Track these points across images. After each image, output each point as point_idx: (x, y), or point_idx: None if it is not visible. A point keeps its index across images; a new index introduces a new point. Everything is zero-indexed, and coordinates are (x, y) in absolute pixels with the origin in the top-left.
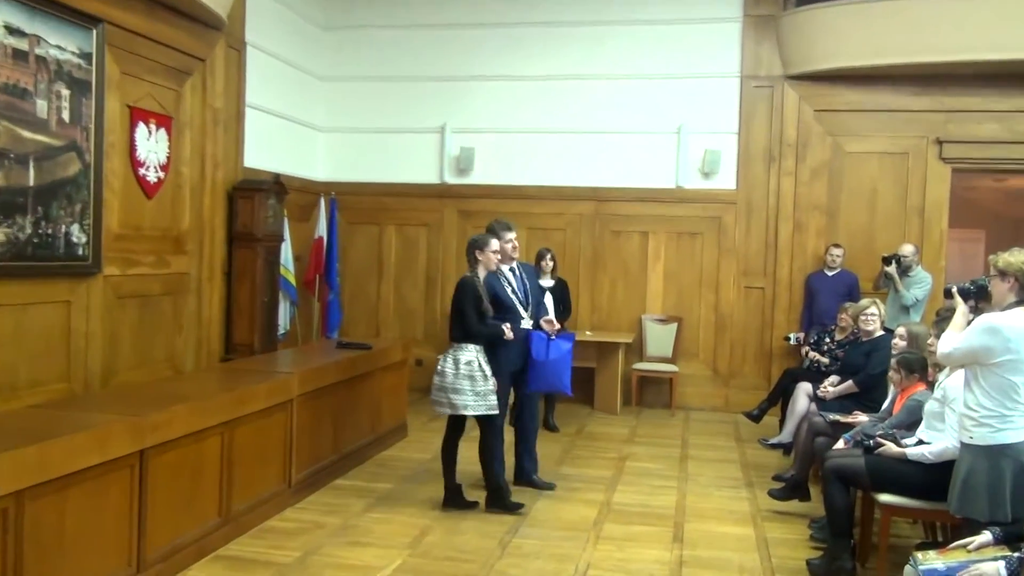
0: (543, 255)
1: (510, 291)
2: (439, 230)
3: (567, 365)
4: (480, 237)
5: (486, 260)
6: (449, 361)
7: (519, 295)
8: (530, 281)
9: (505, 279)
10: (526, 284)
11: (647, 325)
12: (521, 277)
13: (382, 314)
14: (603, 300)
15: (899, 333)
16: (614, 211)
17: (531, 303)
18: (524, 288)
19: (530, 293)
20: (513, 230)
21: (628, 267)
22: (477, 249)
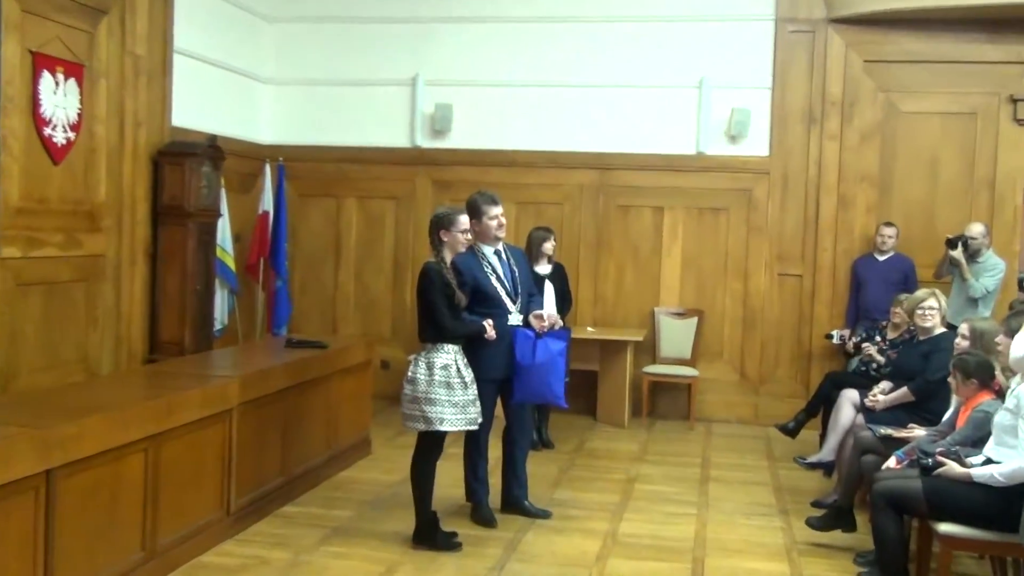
0: (543, 237)
1: (494, 279)
2: (410, 204)
3: (559, 369)
4: (446, 212)
5: (452, 242)
6: (421, 365)
7: (505, 284)
8: (520, 267)
9: (488, 264)
10: (514, 271)
11: (661, 320)
12: (508, 262)
13: (340, 306)
14: (608, 290)
15: (962, 331)
16: (621, 182)
17: (520, 294)
18: (512, 276)
19: (519, 282)
20: (499, 204)
21: (638, 250)
22: (441, 228)
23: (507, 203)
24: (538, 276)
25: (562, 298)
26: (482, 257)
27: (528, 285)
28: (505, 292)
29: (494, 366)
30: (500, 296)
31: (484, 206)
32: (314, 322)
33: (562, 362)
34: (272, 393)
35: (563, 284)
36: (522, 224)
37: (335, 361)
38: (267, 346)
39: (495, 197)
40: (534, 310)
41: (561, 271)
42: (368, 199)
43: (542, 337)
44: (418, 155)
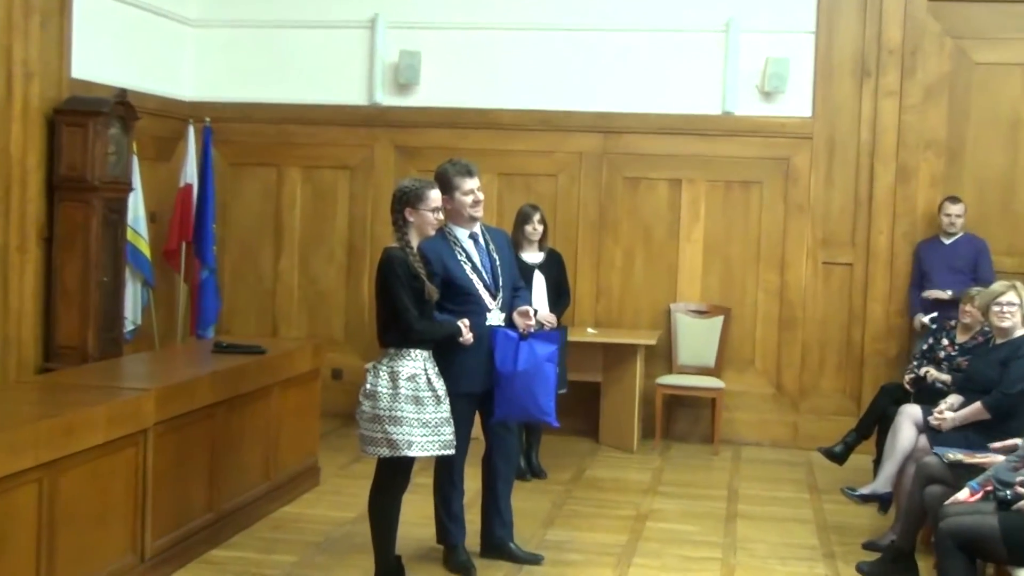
0: (527, 216)
1: (469, 268)
2: (368, 176)
3: (548, 379)
4: (412, 186)
5: (420, 223)
6: (383, 376)
7: (483, 275)
8: (502, 255)
9: (461, 250)
10: (494, 259)
11: (679, 320)
12: (487, 248)
13: (282, 302)
14: (613, 282)
15: None
16: (630, 148)
17: (502, 287)
18: (491, 265)
19: (501, 273)
20: (475, 176)
21: (651, 232)
22: (407, 205)
23: (487, 175)
24: (526, 265)
25: (557, 292)
26: (454, 242)
27: (512, 276)
28: (483, 285)
29: (471, 377)
30: (476, 290)
31: (457, 178)
32: (249, 322)
33: (552, 370)
34: (197, 410)
35: (558, 275)
36: (507, 201)
37: (275, 370)
38: (191, 352)
39: (471, 167)
40: (518, 306)
41: (556, 259)
42: (316, 169)
43: (527, 339)
44: (378, 115)
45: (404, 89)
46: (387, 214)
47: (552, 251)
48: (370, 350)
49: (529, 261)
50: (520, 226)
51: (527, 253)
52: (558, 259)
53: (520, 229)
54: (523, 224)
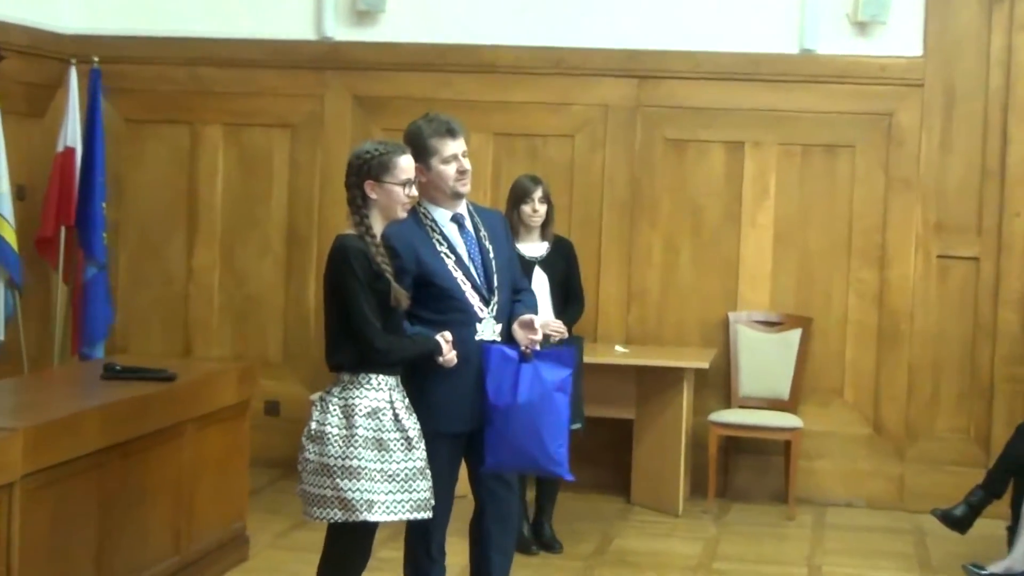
0: (525, 192)
1: (452, 263)
2: (315, 136)
3: (559, 416)
4: (375, 151)
5: (386, 201)
6: (334, 412)
7: (472, 272)
8: (498, 245)
9: (442, 239)
10: (487, 250)
11: (740, 334)
12: (476, 236)
13: (197, 310)
14: (649, 282)
15: None
16: (673, 99)
17: (498, 289)
18: (482, 258)
19: (496, 269)
20: (461, 137)
21: (701, 214)
22: (368, 177)
23: (478, 135)
24: (523, 260)
25: (563, 294)
26: (431, 227)
27: (511, 274)
28: (471, 285)
29: (454, 412)
30: (462, 292)
31: (434, 140)
32: (153, 336)
33: (564, 403)
34: (81, 458)
35: (567, 273)
36: (505, 172)
37: (189, 403)
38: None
39: (454, 126)
40: (521, 314)
41: (564, 252)
42: (244, 128)
43: (531, 360)
44: (329, 53)
45: (365, 18)
46: (340, 190)
47: (560, 240)
48: (318, 376)
49: (527, 254)
50: (515, 206)
51: (525, 244)
52: (567, 251)
53: (515, 210)
54: (519, 203)
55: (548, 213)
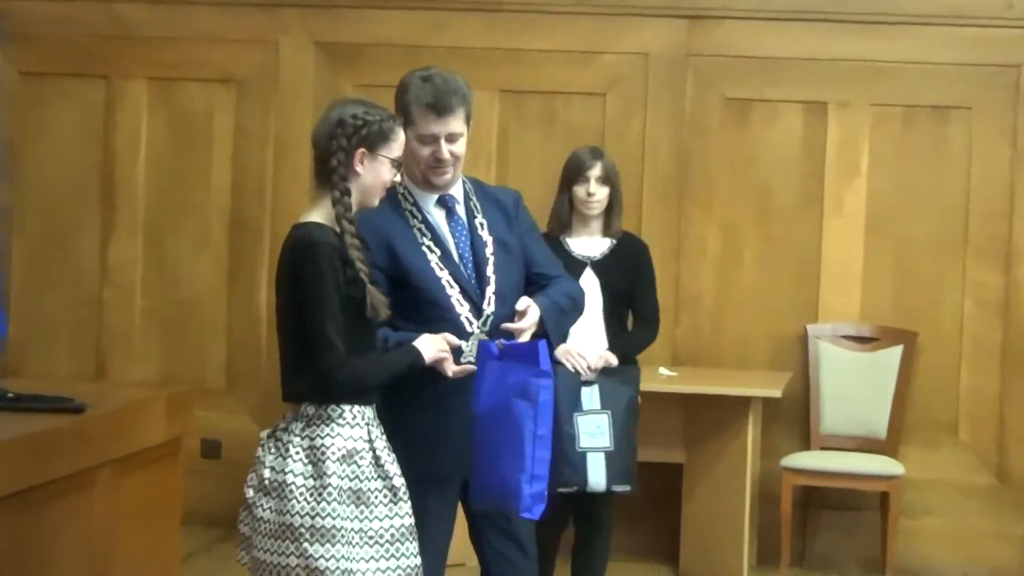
0: (580, 167)
1: (436, 260)
2: (268, 95)
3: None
4: (372, 116)
5: (372, 179)
6: (296, 455)
7: (461, 270)
8: (500, 233)
9: (424, 227)
10: (481, 244)
11: (823, 353)
12: (469, 225)
13: (115, 320)
14: (703, 284)
15: None
16: (734, 47)
17: (496, 295)
18: (475, 253)
19: (492, 269)
20: (448, 116)
21: (771, 197)
22: (363, 145)
23: (483, 92)
24: (573, 261)
25: (621, 311)
26: (412, 212)
27: (515, 276)
28: (460, 289)
29: (440, 451)
30: (447, 297)
31: (416, 108)
32: (57, 354)
33: (526, 414)
34: None
35: (632, 281)
36: (513, 141)
37: (102, 442)
38: None
39: (443, 100)
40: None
41: (633, 254)
42: (176, 84)
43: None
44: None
45: None
46: (301, 163)
47: (628, 239)
48: (270, 406)
49: (578, 252)
50: (567, 187)
51: (579, 239)
52: (637, 254)
53: (567, 193)
54: (571, 183)
55: (612, 198)
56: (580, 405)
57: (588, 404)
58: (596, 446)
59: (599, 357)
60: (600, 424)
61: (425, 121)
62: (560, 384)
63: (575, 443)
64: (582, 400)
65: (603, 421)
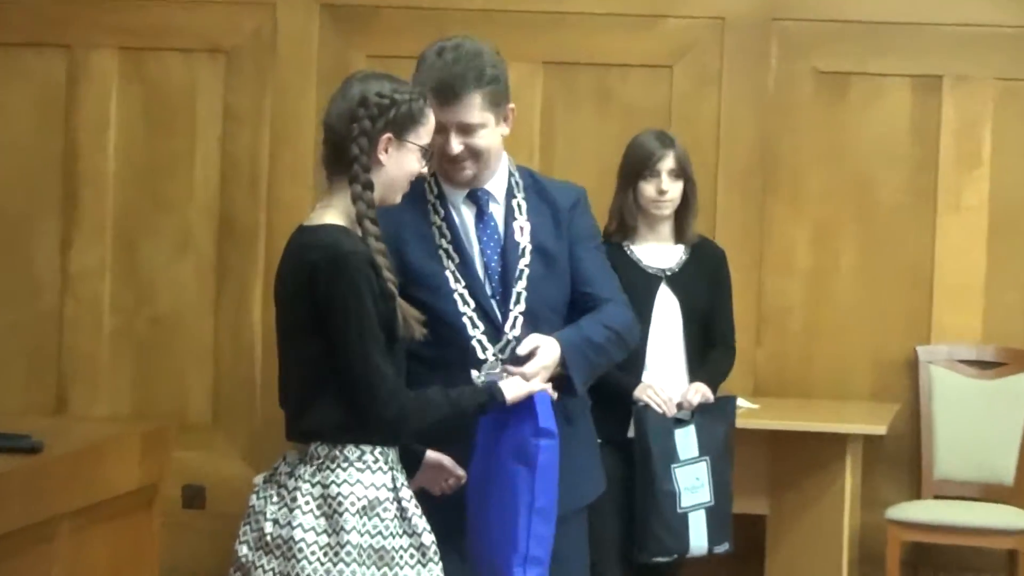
0: (647, 156)
1: (453, 268)
2: (263, 66)
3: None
4: (401, 95)
5: (397, 170)
6: (306, 505)
7: (485, 284)
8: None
9: (446, 226)
10: (514, 253)
11: (936, 382)
12: (503, 229)
13: (78, 341)
14: (791, 297)
15: None
16: (827, 10)
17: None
18: (503, 264)
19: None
20: (454, 103)
21: (872, 191)
22: (390, 130)
23: (519, 65)
24: (643, 273)
25: (705, 332)
26: (434, 206)
27: (552, 294)
28: (476, 306)
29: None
30: (458, 315)
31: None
32: (10, 382)
33: (526, 480)
34: None
35: (712, 296)
36: (561, 121)
37: (63, 489)
38: None
39: (448, 82)
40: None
41: (711, 262)
42: (151, 55)
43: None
44: None
45: None
46: (303, 150)
47: (705, 245)
48: (264, 445)
49: (649, 264)
50: (630, 183)
51: (647, 246)
52: (716, 263)
53: (630, 191)
54: (636, 178)
55: (687, 196)
56: (676, 454)
57: (685, 452)
58: (697, 503)
59: (695, 391)
60: (700, 475)
61: (434, 108)
62: (648, 431)
63: (676, 503)
64: (677, 448)
65: (702, 471)
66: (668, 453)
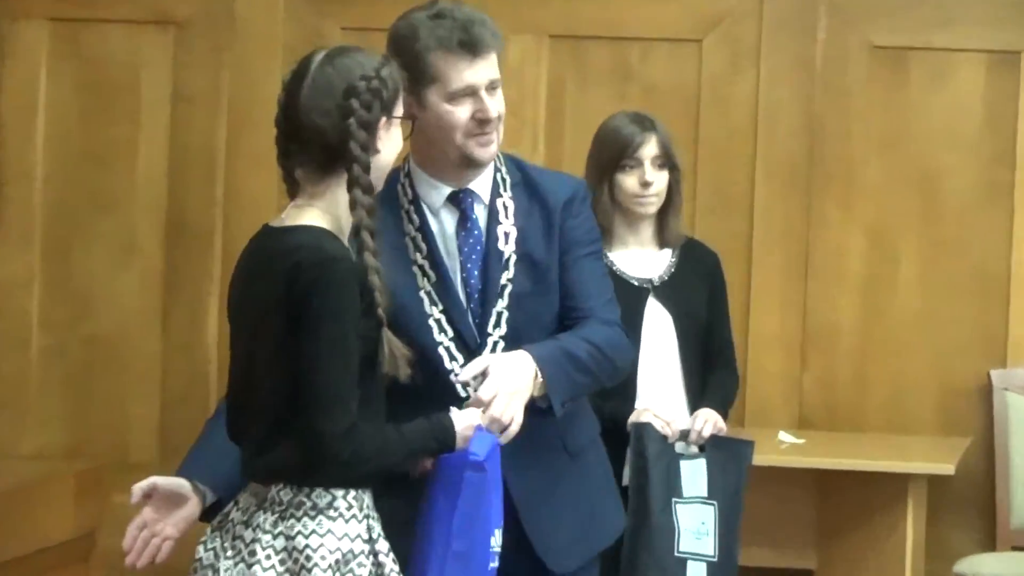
0: (626, 143)
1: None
2: (219, 40)
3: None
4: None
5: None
6: (267, 559)
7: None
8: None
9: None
10: (496, 266)
11: (1013, 412)
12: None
13: (4, 366)
14: (842, 316)
15: None
16: None
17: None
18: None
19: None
20: (486, 53)
21: (939, 189)
22: (384, 112)
23: (521, 37)
24: (626, 285)
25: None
26: (408, 214)
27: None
28: (453, 334)
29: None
30: (433, 344)
31: (436, 55)
32: None
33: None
34: None
35: (708, 307)
36: (571, 102)
37: None
38: None
39: (475, 32)
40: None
41: (703, 267)
42: (89, 26)
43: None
44: None
45: None
46: (265, 138)
47: (694, 248)
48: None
49: (632, 274)
50: (606, 175)
51: (628, 252)
52: (708, 269)
53: (606, 183)
54: (613, 169)
55: (671, 190)
56: (679, 488)
57: (691, 488)
58: (699, 553)
59: (705, 419)
60: (705, 520)
61: (456, 70)
62: (649, 453)
63: (674, 543)
64: (682, 481)
65: (708, 516)
66: (670, 484)
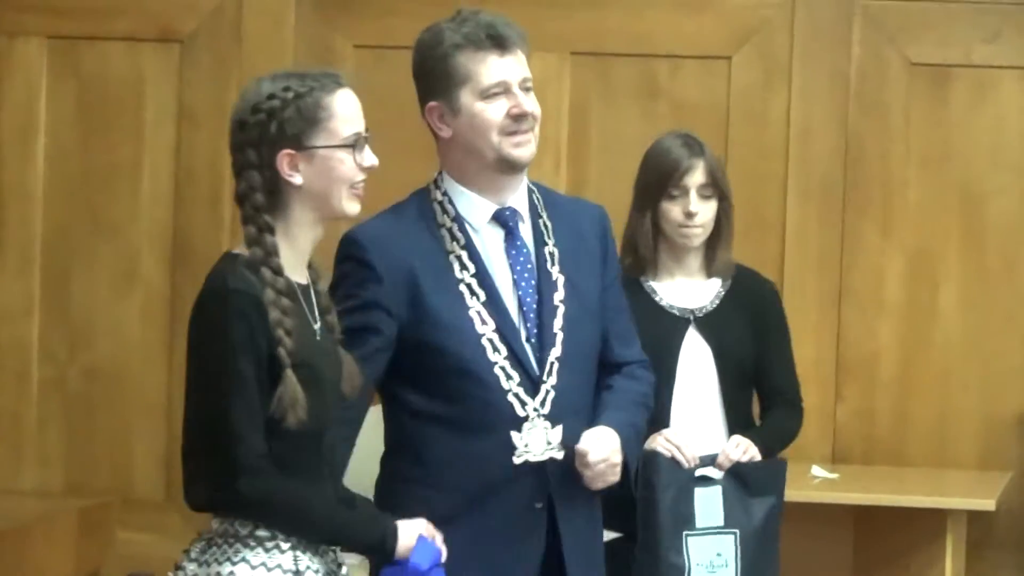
0: (672, 168)
1: (478, 307)
2: (225, 57)
3: None
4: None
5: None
6: None
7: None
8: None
9: (468, 256)
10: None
11: None
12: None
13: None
14: (881, 343)
15: None
16: None
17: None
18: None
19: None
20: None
21: (982, 211)
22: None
23: (543, 55)
24: (666, 314)
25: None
26: (451, 232)
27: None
28: (508, 354)
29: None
30: (488, 367)
31: (465, 56)
32: None
33: None
34: None
35: (758, 342)
36: (597, 122)
37: None
38: None
39: (501, 30)
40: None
41: (757, 299)
42: (90, 44)
43: None
44: None
45: None
46: None
47: (747, 276)
48: None
49: (676, 304)
50: (650, 203)
51: (671, 283)
52: (763, 300)
53: (649, 212)
54: (658, 196)
55: (720, 221)
56: (692, 519)
57: (705, 519)
58: None
59: (736, 444)
60: (722, 550)
61: (485, 65)
62: (658, 481)
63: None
64: (696, 510)
65: (726, 546)
66: (682, 515)
